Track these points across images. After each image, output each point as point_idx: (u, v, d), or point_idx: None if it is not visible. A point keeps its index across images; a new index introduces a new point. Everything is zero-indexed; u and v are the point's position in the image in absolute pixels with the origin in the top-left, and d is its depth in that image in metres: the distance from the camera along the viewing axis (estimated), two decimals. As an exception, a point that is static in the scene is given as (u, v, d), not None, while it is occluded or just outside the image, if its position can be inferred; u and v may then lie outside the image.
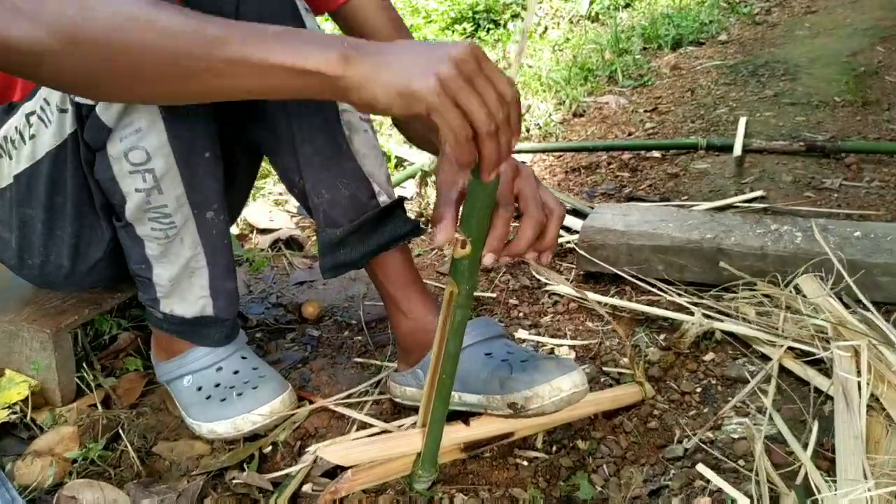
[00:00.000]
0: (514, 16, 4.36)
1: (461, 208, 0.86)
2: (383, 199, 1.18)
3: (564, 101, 2.85)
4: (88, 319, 1.36)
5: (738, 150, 2.05)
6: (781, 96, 2.71)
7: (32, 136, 1.10)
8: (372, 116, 1.33)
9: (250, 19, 1.06)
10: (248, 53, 0.77)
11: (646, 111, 2.70)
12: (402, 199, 1.21)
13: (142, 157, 1.05)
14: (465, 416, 1.09)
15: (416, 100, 0.75)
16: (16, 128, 1.12)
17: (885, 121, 2.44)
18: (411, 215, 1.32)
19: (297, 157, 1.15)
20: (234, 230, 1.93)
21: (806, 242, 1.39)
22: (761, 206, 1.79)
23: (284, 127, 1.14)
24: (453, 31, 3.93)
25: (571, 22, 4.40)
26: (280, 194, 2.14)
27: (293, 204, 2.09)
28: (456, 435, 1.04)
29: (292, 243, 1.89)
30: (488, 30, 4.11)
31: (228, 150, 1.24)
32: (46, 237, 1.19)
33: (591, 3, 4.68)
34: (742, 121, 2.32)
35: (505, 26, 4.17)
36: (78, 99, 1.03)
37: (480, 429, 1.06)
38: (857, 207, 1.77)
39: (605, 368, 1.30)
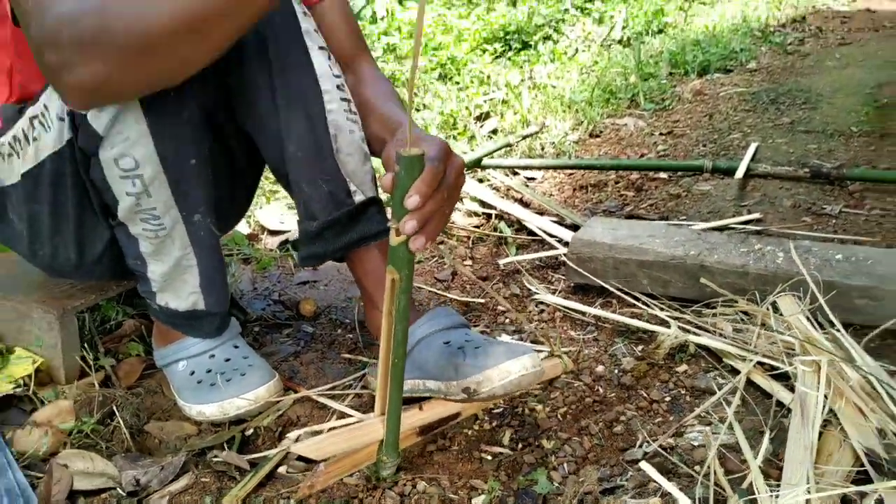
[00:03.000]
0: (546, 38, 4.42)
1: (392, 190, 0.90)
2: (359, 197, 1.24)
3: (583, 122, 2.90)
4: (94, 304, 1.44)
5: (740, 173, 2.08)
6: (798, 124, 2.73)
7: (35, 139, 1.19)
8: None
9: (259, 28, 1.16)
10: None
11: (661, 134, 2.74)
12: (376, 199, 1.27)
13: (131, 163, 1.12)
14: (419, 402, 1.15)
15: None
16: (22, 129, 1.21)
17: (900, 152, 2.45)
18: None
19: (283, 153, 1.22)
20: (245, 230, 2.01)
21: (787, 263, 1.42)
22: (756, 228, 1.82)
23: (273, 125, 1.22)
24: (483, 51, 4.01)
25: (602, 45, 4.46)
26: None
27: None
28: (411, 420, 1.10)
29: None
30: (518, 50, 4.18)
31: (226, 146, 1.32)
32: (53, 231, 1.28)
33: (623, 28, 4.73)
34: (751, 147, 2.35)
35: (535, 48, 4.23)
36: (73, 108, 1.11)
37: (432, 412, 1.12)
38: (853, 234, 1.79)
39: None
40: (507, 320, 1.54)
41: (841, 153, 2.41)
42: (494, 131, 2.87)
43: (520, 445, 1.17)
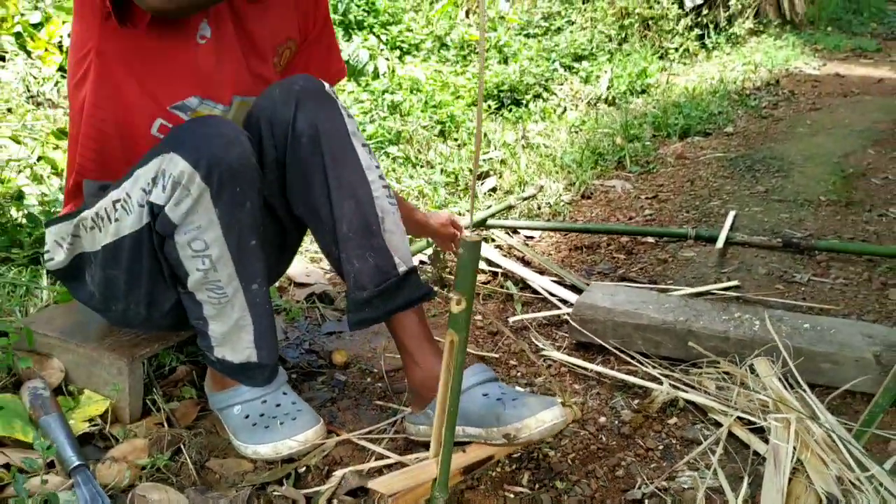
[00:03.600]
0: (537, 95, 4.69)
1: (456, 268, 1.13)
2: (402, 268, 1.45)
3: (575, 183, 3.14)
4: (157, 352, 1.63)
5: (720, 243, 2.32)
6: (772, 192, 2.98)
7: (117, 220, 1.39)
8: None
9: (304, 128, 1.39)
10: None
11: (647, 198, 2.98)
12: (415, 269, 1.49)
13: (201, 245, 1.33)
14: (461, 446, 1.34)
15: None
16: (105, 209, 1.41)
17: (863, 221, 2.71)
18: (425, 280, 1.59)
19: (336, 234, 1.44)
20: (275, 283, 2.20)
21: (762, 330, 1.65)
22: (735, 294, 2.05)
23: (325, 210, 1.44)
24: (479, 107, 4.25)
25: (589, 104, 4.73)
26: (315, 252, 2.42)
27: (327, 263, 2.37)
28: (457, 462, 1.29)
29: (325, 297, 2.16)
30: (510, 108, 4.43)
31: (279, 224, 1.54)
32: (127, 292, 1.47)
33: (608, 87, 5.02)
34: (730, 215, 2.60)
35: (527, 105, 4.49)
36: (150, 199, 1.32)
37: (473, 454, 1.31)
38: (819, 301, 2.02)
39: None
40: (519, 374, 1.75)
41: (810, 222, 2.66)
42: (494, 189, 3.10)
43: (536, 486, 1.37)
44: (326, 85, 1.46)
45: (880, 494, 1.23)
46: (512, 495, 1.34)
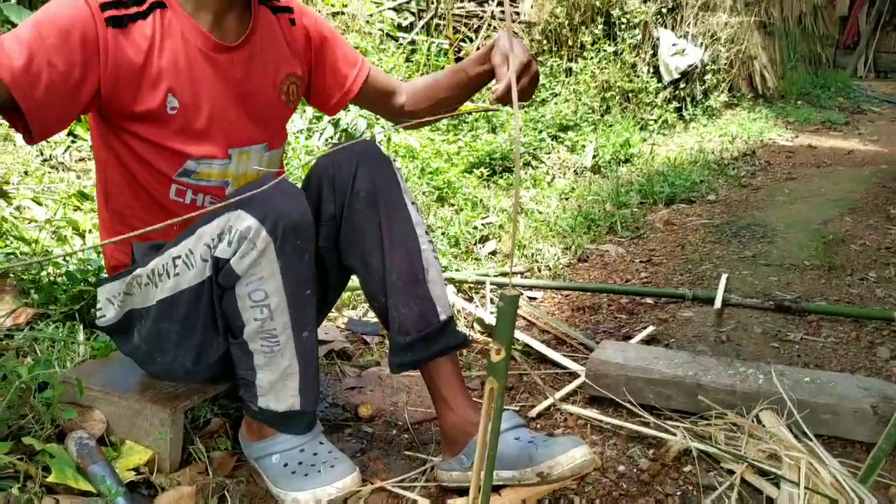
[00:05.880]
0: (526, 164, 4.87)
1: (495, 320, 1.23)
2: (443, 316, 1.57)
3: (571, 247, 3.28)
4: (196, 404, 1.70)
5: (718, 304, 2.46)
6: (759, 257, 3.14)
7: (177, 274, 1.48)
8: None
9: (363, 186, 1.52)
10: None
11: (641, 261, 3.12)
12: (453, 317, 1.60)
13: (262, 296, 1.44)
14: (496, 490, 1.43)
15: None
16: (163, 265, 1.50)
17: (846, 285, 2.86)
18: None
19: (385, 283, 1.55)
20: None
21: (767, 384, 1.76)
22: (736, 352, 2.17)
23: (375, 260, 1.55)
24: (472, 174, 4.42)
25: (576, 173, 4.92)
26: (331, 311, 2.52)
27: (342, 320, 2.46)
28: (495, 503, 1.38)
29: (343, 354, 2.25)
30: (503, 174, 4.60)
31: (325, 275, 1.64)
32: (178, 344, 1.56)
33: (594, 157, 5.22)
34: (723, 278, 2.74)
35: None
36: (216, 253, 1.42)
37: (508, 498, 1.40)
38: (813, 358, 2.14)
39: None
40: (539, 426, 1.84)
41: (797, 285, 2.81)
42: (494, 252, 3.23)
43: (565, 529, 1.46)
44: (382, 147, 1.60)
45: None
46: (543, 538, 1.42)
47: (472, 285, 2.73)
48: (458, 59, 6.22)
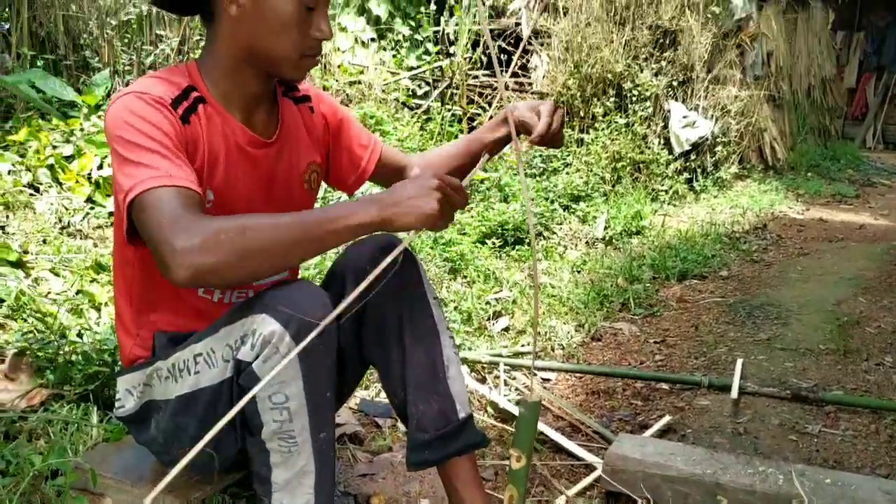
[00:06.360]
0: (538, 234, 4.89)
1: (516, 427, 1.23)
2: (462, 414, 1.55)
3: (584, 324, 3.27)
4: (208, 494, 1.68)
5: (734, 393, 2.43)
6: (773, 341, 3.12)
7: (197, 372, 1.48)
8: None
9: (386, 282, 1.51)
10: (331, 226, 1.27)
11: (655, 342, 3.11)
12: (472, 415, 1.58)
13: (282, 399, 1.43)
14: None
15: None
16: (184, 360, 1.50)
17: (863, 371, 2.83)
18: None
19: (405, 378, 1.54)
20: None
21: (787, 485, 1.73)
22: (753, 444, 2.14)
23: (396, 356, 1.55)
24: (484, 244, 4.43)
25: (588, 244, 4.93)
26: (342, 391, 2.50)
27: (354, 401, 2.44)
28: None
29: (355, 438, 2.23)
30: (514, 245, 4.62)
31: (343, 366, 1.64)
32: (194, 440, 1.53)
33: (605, 228, 5.24)
34: (739, 363, 2.72)
35: (529, 244, 4.68)
36: (238, 356, 1.41)
37: None
38: (832, 453, 2.11)
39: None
40: (554, 521, 1.81)
41: (813, 371, 2.78)
42: (507, 329, 3.22)
43: None
44: (408, 245, 1.60)
45: None
46: None
47: (484, 365, 2.71)
48: (471, 129, 6.31)
